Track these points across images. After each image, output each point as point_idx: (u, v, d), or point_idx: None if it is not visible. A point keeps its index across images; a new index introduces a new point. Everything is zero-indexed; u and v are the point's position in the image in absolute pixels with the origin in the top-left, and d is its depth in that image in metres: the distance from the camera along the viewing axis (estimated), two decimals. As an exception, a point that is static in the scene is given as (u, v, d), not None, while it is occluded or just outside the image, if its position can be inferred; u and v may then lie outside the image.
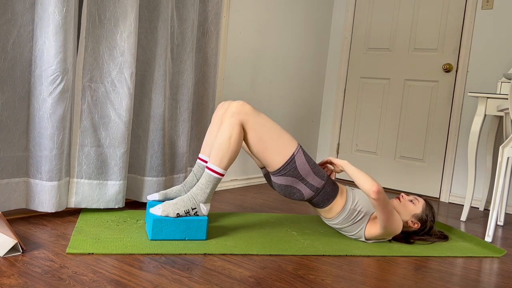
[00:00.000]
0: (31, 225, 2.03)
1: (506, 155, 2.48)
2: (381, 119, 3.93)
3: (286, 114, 3.81)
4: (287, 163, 2.03)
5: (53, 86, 2.01)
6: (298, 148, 2.07)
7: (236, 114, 2.00)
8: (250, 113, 2.03)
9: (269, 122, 2.06)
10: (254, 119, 2.03)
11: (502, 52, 3.35)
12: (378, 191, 1.98)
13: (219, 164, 1.99)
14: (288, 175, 2.05)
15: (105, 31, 2.22)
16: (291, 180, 2.07)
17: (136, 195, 2.53)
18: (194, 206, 1.98)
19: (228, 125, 1.99)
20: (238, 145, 2.00)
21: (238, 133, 1.99)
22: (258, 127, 2.03)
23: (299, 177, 2.06)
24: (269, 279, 1.65)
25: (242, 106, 2.02)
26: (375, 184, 1.99)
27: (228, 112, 2.02)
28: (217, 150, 1.99)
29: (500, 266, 2.07)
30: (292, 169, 2.04)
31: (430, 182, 3.69)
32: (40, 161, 2.05)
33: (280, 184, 2.09)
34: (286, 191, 2.11)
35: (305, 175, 2.06)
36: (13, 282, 1.43)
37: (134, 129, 2.50)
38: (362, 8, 4.04)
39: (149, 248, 1.83)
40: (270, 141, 2.03)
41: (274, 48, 3.56)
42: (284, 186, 2.09)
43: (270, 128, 2.05)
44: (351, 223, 2.16)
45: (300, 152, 2.06)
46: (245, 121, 2.01)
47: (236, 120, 2.00)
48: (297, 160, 2.04)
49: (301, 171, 2.05)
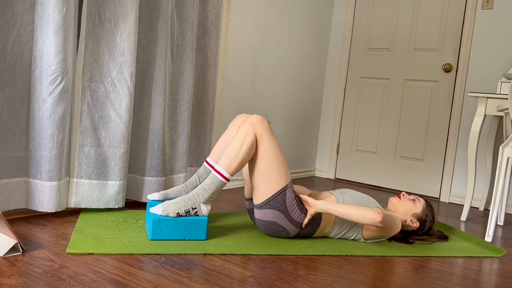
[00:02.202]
0: (31, 225, 2.03)
1: (506, 155, 2.48)
2: (381, 119, 3.93)
3: (286, 114, 3.80)
4: (278, 194, 2.03)
5: (53, 86, 2.01)
6: (290, 183, 2.08)
7: (255, 125, 2.03)
8: (267, 130, 2.05)
9: (278, 147, 2.07)
10: (268, 137, 2.04)
11: (502, 52, 3.35)
12: (383, 219, 1.99)
13: (226, 168, 1.99)
14: (275, 207, 2.03)
15: (105, 31, 2.22)
16: (277, 215, 2.04)
17: (136, 195, 2.53)
18: (195, 206, 1.98)
19: (244, 132, 2.01)
20: (249, 154, 2.01)
21: (251, 142, 2.01)
22: (267, 146, 2.04)
23: (284, 212, 2.04)
24: (269, 279, 1.65)
25: (262, 121, 2.05)
26: (375, 215, 1.99)
27: (247, 121, 2.04)
28: (228, 155, 2.00)
29: (500, 266, 2.07)
30: (280, 202, 2.03)
31: (430, 182, 3.68)
32: (40, 161, 2.05)
33: (266, 221, 2.06)
34: (271, 229, 2.08)
35: (290, 210, 2.05)
36: (13, 282, 1.43)
37: (134, 129, 2.50)
38: (362, 8, 4.04)
39: (149, 248, 1.83)
40: (272, 164, 2.03)
41: (274, 48, 3.56)
42: (270, 223, 2.06)
43: (277, 153, 2.05)
44: (348, 228, 2.17)
45: (291, 187, 2.07)
46: (260, 135, 2.03)
47: (253, 130, 2.02)
48: (287, 193, 2.04)
49: (288, 206, 2.04)
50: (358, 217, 2.01)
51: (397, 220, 2.14)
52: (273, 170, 2.03)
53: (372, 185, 3.95)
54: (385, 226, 2.05)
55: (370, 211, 2.00)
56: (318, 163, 4.29)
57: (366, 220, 2.00)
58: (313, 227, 2.12)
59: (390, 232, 2.13)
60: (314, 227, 2.12)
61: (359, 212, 2.01)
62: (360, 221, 2.02)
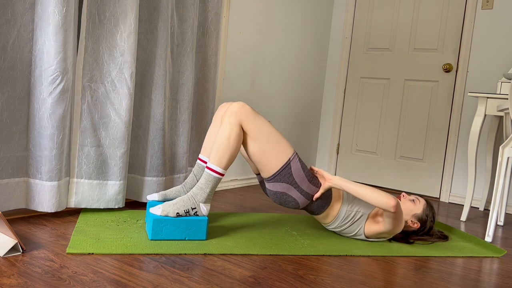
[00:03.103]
0: (31, 225, 2.03)
1: (506, 155, 2.48)
2: (381, 119, 3.93)
3: (286, 114, 3.80)
4: (283, 168, 2.03)
5: (53, 86, 2.01)
6: (294, 154, 2.07)
7: (236, 114, 2.00)
8: (249, 115, 2.02)
9: (267, 125, 2.06)
10: (253, 120, 2.03)
11: (502, 52, 3.35)
12: (397, 205, 1.98)
13: (218, 164, 1.99)
14: (283, 181, 2.04)
15: (105, 31, 2.22)
16: (286, 187, 2.05)
17: (136, 195, 2.53)
18: (194, 206, 1.98)
19: (227, 125, 1.99)
20: (237, 145, 2.00)
21: (237, 133, 1.99)
22: (256, 129, 2.03)
23: (293, 184, 2.05)
24: (269, 279, 1.65)
25: (242, 107, 2.02)
26: (391, 199, 1.97)
27: (228, 112, 2.02)
28: (217, 150, 1.99)
29: (500, 266, 2.07)
30: (287, 175, 2.04)
31: (430, 182, 3.68)
32: (40, 161, 2.05)
33: (275, 192, 2.07)
34: (281, 199, 2.09)
35: (299, 182, 2.05)
36: (13, 282, 1.43)
37: (134, 129, 2.50)
38: (362, 8, 4.04)
39: (149, 248, 1.83)
40: (267, 144, 2.03)
41: (274, 48, 3.56)
42: (280, 194, 2.07)
43: (268, 131, 2.05)
44: (350, 224, 2.16)
45: (296, 158, 2.06)
46: (244, 122, 2.01)
47: (236, 120, 2.00)
48: (293, 166, 2.04)
49: (296, 177, 2.04)
50: (372, 198, 1.99)
51: (403, 218, 2.13)
52: (269, 150, 2.03)
53: (372, 185, 3.95)
54: (395, 215, 2.01)
55: (385, 194, 1.99)
56: (318, 163, 4.29)
57: (380, 202, 1.98)
58: (323, 204, 2.11)
59: (393, 229, 2.11)
60: (324, 205, 2.11)
61: (374, 194, 2.00)
62: (374, 202, 1.99)
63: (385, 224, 2.09)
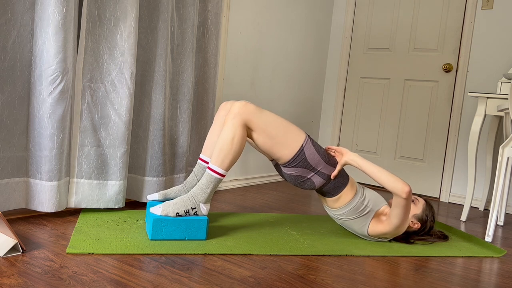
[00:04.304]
0: (31, 225, 2.03)
1: (506, 155, 2.48)
2: (381, 119, 3.93)
3: (286, 114, 3.80)
4: (297, 156, 2.04)
5: (53, 86, 2.01)
6: (306, 139, 2.07)
7: (239, 114, 1.99)
8: (253, 112, 2.02)
9: (274, 117, 2.06)
10: (258, 117, 2.02)
11: (502, 52, 3.35)
12: (410, 192, 1.99)
13: (220, 165, 1.99)
14: (299, 166, 2.06)
15: (105, 31, 2.22)
16: (302, 171, 2.07)
17: (136, 195, 2.53)
18: (194, 206, 1.98)
19: (231, 126, 1.99)
20: (240, 147, 2.00)
21: (241, 134, 1.99)
22: (263, 125, 2.03)
23: (309, 168, 2.06)
24: (269, 279, 1.65)
25: (244, 106, 2.01)
26: (406, 184, 1.99)
27: (230, 113, 2.01)
28: (219, 151, 1.99)
29: (500, 266, 2.07)
30: (302, 161, 2.05)
31: (430, 182, 3.69)
32: (40, 161, 2.05)
33: (291, 175, 2.10)
34: (296, 181, 2.12)
35: (315, 164, 2.06)
36: (13, 282, 1.43)
37: (134, 129, 2.50)
38: (362, 8, 4.04)
39: (149, 248, 1.83)
40: (277, 136, 2.03)
41: (274, 48, 3.56)
42: (295, 177, 2.09)
43: (275, 123, 2.05)
44: (357, 216, 2.15)
45: (309, 143, 2.07)
46: (249, 121, 2.01)
47: (239, 121, 1.99)
48: (306, 151, 2.05)
49: (311, 161, 2.06)
50: (387, 181, 2.01)
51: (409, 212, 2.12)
52: (279, 142, 2.04)
53: (372, 185, 3.95)
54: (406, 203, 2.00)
55: (401, 180, 2.00)
56: (318, 163, 4.29)
57: (395, 186, 1.99)
58: (339, 184, 2.11)
59: (398, 226, 2.10)
60: (340, 186, 2.11)
61: (391, 176, 2.01)
62: (388, 185, 2.00)
63: (392, 218, 2.07)
